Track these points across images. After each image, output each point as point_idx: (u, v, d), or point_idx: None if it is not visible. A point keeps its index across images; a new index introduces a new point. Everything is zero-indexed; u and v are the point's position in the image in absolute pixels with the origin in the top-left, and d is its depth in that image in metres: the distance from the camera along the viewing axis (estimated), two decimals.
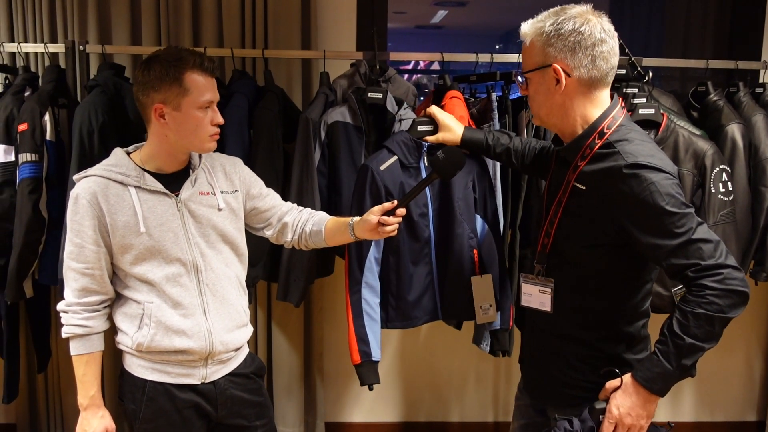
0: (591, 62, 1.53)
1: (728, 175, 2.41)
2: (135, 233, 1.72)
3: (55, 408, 3.08)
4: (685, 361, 1.44)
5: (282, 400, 3.02)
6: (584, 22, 1.53)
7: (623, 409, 1.48)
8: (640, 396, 1.48)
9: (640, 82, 2.49)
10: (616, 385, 1.51)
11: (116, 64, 2.62)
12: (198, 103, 1.69)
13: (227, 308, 1.83)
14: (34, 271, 2.50)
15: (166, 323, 1.74)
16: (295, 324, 2.97)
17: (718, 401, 3.35)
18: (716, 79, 2.77)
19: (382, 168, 2.13)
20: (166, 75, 1.66)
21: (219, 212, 1.82)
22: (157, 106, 1.69)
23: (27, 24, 2.84)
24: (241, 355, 1.92)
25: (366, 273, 2.19)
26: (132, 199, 1.72)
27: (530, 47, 1.59)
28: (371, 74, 2.53)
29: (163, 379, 1.78)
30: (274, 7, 2.79)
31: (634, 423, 1.49)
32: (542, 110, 1.63)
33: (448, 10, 6.35)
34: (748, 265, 2.66)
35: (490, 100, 2.45)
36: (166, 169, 1.79)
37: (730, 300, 1.42)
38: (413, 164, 2.16)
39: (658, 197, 1.44)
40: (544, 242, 1.68)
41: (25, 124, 2.38)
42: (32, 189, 2.38)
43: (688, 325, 1.42)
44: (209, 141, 1.76)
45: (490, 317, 2.28)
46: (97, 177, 1.72)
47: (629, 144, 1.52)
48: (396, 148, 2.16)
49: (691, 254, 1.43)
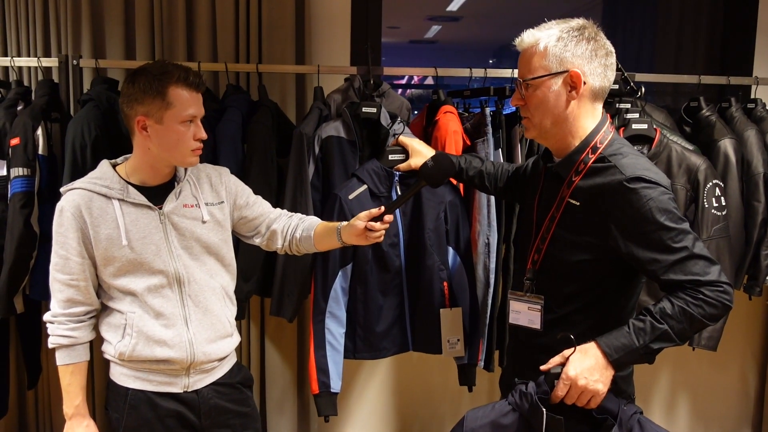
0: (603, 71, 1.54)
1: (721, 190, 2.42)
2: (117, 246, 1.73)
3: (45, 424, 3.04)
4: (653, 345, 1.45)
5: (275, 415, 2.99)
6: (597, 32, 1.54)
7: (578, 370, 1.46)
8: (598, 361, 1.46)
9: (633, 97, 2.50)
10: (572, 352, 1.49)
11: (110, 79, 2.61)
12: (180, 118, 1.71)
13: (210, 319, 1.84)
14: (25, 286, 2.48)
15: (147, 333, 1.76)
16: (289, 339, 2.95)
17: (713, 415, 3.34)
18: (708, 94, 2.79)
19: (351, 197, 2.13)
20: (149, 88, 1.68)
21: (203, 224, 1.83)
22: (139, 119, 1.71)
23: (20, 38, 2.84)
24: (226, 365, 1.92)
25: (330, 303, 2.19)
26: (115, 212, 1.74)
27: (543, 52, 1.54)
28: (365, 89, 2.54)
29: (145, 387, 1.79)
30: (268, 22, 2.80)
31: (587, 385, 1.45)
32: (546, 120, 1.58)
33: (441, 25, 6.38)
34: (741, 280, 2.67)
35: (484, 114, 2.45)
36: (150, 182, 1.80)
37: (716, 311, 1.45)
38: (384, 193, 2.13)
39: (657, 213, 1.45)
40: (534, 258, 1.66)
41: (17, 138, 2.37)
42: (24, 204, 2.37)
43: (672, 315, 1.44)
44: (191, 155, 1.77)
45: (457, 351, 2.26)
46: (81, 190, 1.75)
47: (624, 158, 1.52)
48: (366, 177, 2.14)
49: (689, 270, 1.44)
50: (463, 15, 5.89)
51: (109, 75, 2.72)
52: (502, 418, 1.53)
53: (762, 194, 2.57)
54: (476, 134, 2.48)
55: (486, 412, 1.55)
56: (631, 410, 1.50)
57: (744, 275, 2.66)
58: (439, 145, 2.39)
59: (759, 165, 2.58)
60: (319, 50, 2.93)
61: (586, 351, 1.48)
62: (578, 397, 1.47)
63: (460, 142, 2.39)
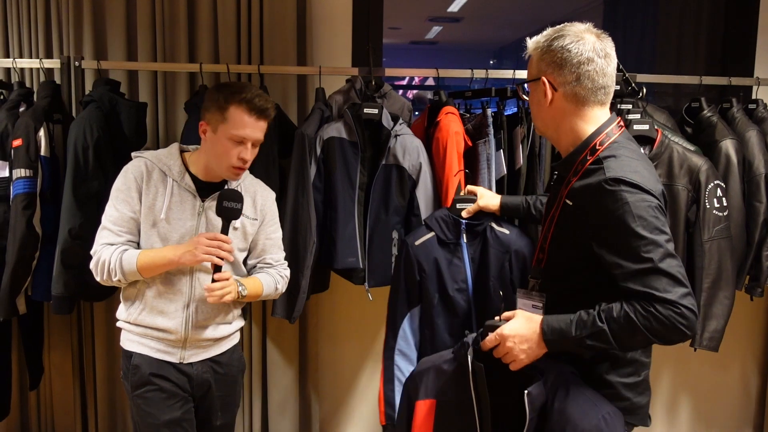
0: (576, 79, 1.56)
1: (723, 191, 2.42)
2: (155, 218, 1.92)
3: (47, 425, 3.04)
4: (588, 340, 1.45)
5: (277, 416, 2.99)
6: (576, 40, 1.55)
7: (511, 333, 1.52)
8: (533, 335, 1.51)
9: (634, 98, 2.50)
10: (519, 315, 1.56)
11: (111, 80, 2.61)
12: (230, 135, 1.87)
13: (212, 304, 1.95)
14: (28, 287, 2.48)
15: (152, 303, 1.94)
16: (291, 340, 2.95)
17: (715, 416, 3.34)
18: (709, 95, 2.79)
19: (417, 243, 2.19)
20: (216, 100, 1.87)
21: (234, 230, 1.97)
22: (202, 123, 1.92)
23: (22, 39, 2.85)
24: (224, 345, 2.06)
25: (399, 341, 2.24)
26: (167, 188, 1.93)
27: (529, 60, 1.65)
28: (367, 90, 2.54)
29: (145, 352, 1.97)
30: (270, 23, 2.80)
31: (512, 349, 1.51)
32: (537, 121, 1.68)
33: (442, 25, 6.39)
34: (743, 281, 2.67)
35: (486, 115, 2.45)
36: (203, 177, 1.98)
37: (665, 331, 1.40)
38: (452, 240, 2.17)
39: (629, 217, 1.42)
40: (539, 257, 1.69)
41: (19, 139, 2.37)
42: (26, 205, 2.37)
43: (615, 319, 1.42)
44: (230, 171, 1.93)
45: None
46: (147, 160, 1.95)
47: (615, 160, 1.51)
48: (434, 224, 2.19)
49: (647, 283, 1.40)
50: (463, 16, 5.90)
51: (110, 76, 2.72)
52: (443, 364, 1.67)
53: (763, 195, 2.57)
54: (478, 135, 2.48)
55: (433, 359, 1.71)
56: (558, 369, 1.54)
57: (745, 276, 2.66)
58: (441, 146, 2.39)
59: (760, 166, 2.58)
60: (320, 51, 2.94)
61: (530, 320, 1.54)
62: (503, 356, 1.54)
63: (461, 143, 2.39)
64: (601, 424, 1.43)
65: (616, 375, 1.60)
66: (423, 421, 1.68)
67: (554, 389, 1.51)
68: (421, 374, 1.71)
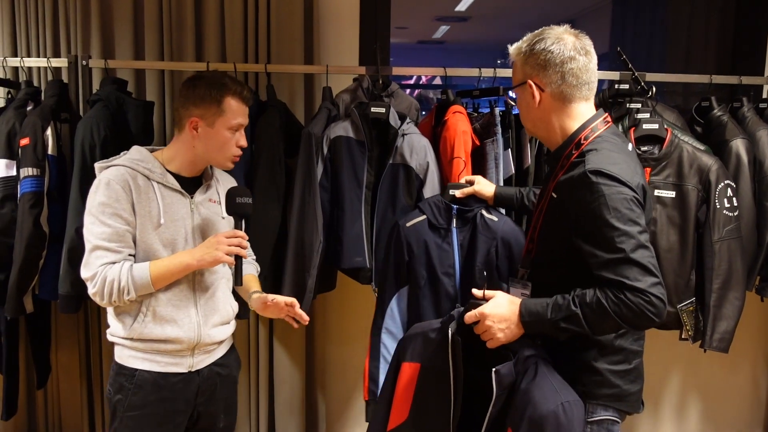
0: (561, 78, 1.62)
1: (733, 191, 2.40)
2: (155, 224, 1.85)
3: (55, 424, 3.05)
4: (562, 323, 1.52)
5: (284, 417, 2.99)
6: (556, 41, 1.62)
7: (492, 312, 1.59)
8: (511, 316, 1.59)
9: (644, 97, 2.49)
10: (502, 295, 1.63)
11: (119, 79, 2.62)
12: (229, 125, 1.88)
13: (216, 304, 1.97)
14: (35, 286, 2.49)
15: (159, 313, 1.87)
16: (297, 340, 2.95)
17: (724, 417, 3.31)
18: (719, 94, 2.76)
19: (408, 224, 2.22)
20: (208, 95, 1.86)
21: (222, 220, 2.00)
22: (193, 119, 1.87)
23: (30, 38, 2.85)
24: (224, 346, 2.05)
25: (387, 320, 2.28)
26: (155, 193, 1.86)
27: (513, 66, 1.73)
28: (374, 89, 2.53)
29: (153, 368, 1.89)
30: (277, 22, 2.79)
31: (491, 327, 1.59)
32: (527, 123, 1.75)
33: (450, 25, 6.39)
34: (753, 281, 2.64)
35: (493, 114, 2.45)
36: (183, 174, 1.94)
37: (634, 318, 1.47)
38: (443, 225, 2.20)
39: (604, 209, 1.48)
40: (529, 248, 1.76)
41: (27, 138, 2.38)
42: (33, 203, 2.38)
43: (588, 303, 1.50)
44: (229, 160, 1.94)
45: None
46: (123, 167, 1.85)
47: (596, 153, 1.57)
48: (426, 208, 2.22)
49: (619, 272, 1.46)
50: (471, 15, 5.89)
51: (118, 75, 2.72)
52: (431, 333, 1.77)
53: None
54: (485, 134, 2.47)
55: (423, 326, 1.82)
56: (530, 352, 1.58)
57: (756, 276, 2.64)
58: (448, 145, 2.38)
59: None
60: (327, 50, 2.93)
61: (511, 302, 1.61)
62: (482, 333, 1.62)
63: (469, 142, 2.38)
64: (558, 410, 1.49)
65: (604, 362, 1.64)
66: (407, 382, 1.79)
67: (524, 371, 1.57)
68: (410, 338, 1.82)
